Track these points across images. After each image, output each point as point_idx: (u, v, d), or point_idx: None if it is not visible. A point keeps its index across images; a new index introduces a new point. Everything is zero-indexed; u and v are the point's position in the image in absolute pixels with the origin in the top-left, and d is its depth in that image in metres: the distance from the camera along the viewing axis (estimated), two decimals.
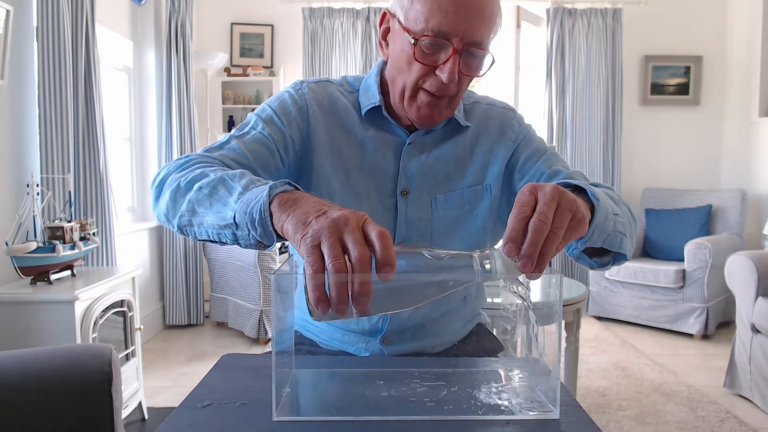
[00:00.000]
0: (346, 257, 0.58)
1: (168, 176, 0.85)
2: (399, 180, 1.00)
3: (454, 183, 1.02)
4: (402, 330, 1.02)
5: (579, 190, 0.76)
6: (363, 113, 1.02)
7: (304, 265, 0.59)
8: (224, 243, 0.77)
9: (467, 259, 0.64)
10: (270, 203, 0.68)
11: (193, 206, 0.79)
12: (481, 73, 0.94)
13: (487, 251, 0.65)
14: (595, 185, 0.88)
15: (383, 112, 1.01)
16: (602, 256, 0.88)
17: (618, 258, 0.88)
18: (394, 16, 0.95)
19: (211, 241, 0.79)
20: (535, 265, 0.62)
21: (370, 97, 1.01)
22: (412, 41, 0.89)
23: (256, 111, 1.02)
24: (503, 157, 1.03)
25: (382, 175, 1.01)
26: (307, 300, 0.60)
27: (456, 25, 0.87)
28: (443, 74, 0.89)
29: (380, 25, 0.99)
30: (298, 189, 0.70)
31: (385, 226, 0.79)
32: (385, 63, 1.02)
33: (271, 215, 0.67)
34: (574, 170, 1.00)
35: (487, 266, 0.64)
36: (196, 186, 0.79)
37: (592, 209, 0.74)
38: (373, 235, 0.58)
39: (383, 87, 1.02)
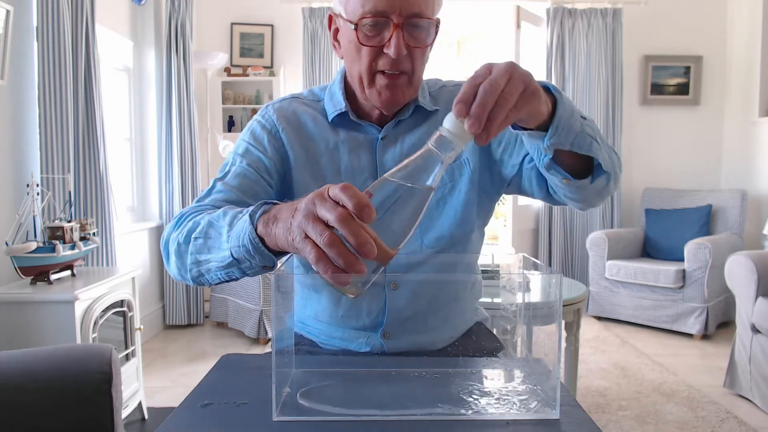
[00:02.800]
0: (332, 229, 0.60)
1: (169, 238, 0.89)
2: (378, 175, 1.01)
3: None
4: (402, 322, 1.02)
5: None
6: (330, 120, 1.05)
7: (309, 261, 0.61)
8: (238, 279, 0.81)
9: (426, 151, 0.64)
10: (256, 229, 0.71)
11: (196, 257, 0.83)
12: (429, 41, 0.96)
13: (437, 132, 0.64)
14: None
15: (351, 116, 1.03)
16: (578, 173, 0.85)
17: (597, 173, 0.84)
18: (338, 15, 0.98)
19: (227, 281, 0.83)
20: (484, 129, 0.62)
21: (336, 104, 1.04)
22: (353, 27, 0.93)
23: (233, 149, 1.06)
24: None
25: (360, 173, 1.03)
26: (333, 286, 0.61)
27: (391, 2, 0.90)
28: (390, 50, 0.91)
29: (329, 28, 1.03)
30: (275, 204, 0.73)
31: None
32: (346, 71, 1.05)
33: (262, 239, 0.71)
34: None
35: (443, 134, 0.63)
36: (192, 238, 0.83)
37: (555, 106, 0.74)
38: (338, 193, 0.60)
39: (348, 91, 1.05)
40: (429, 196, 0.63)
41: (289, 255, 0.77)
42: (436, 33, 0.98)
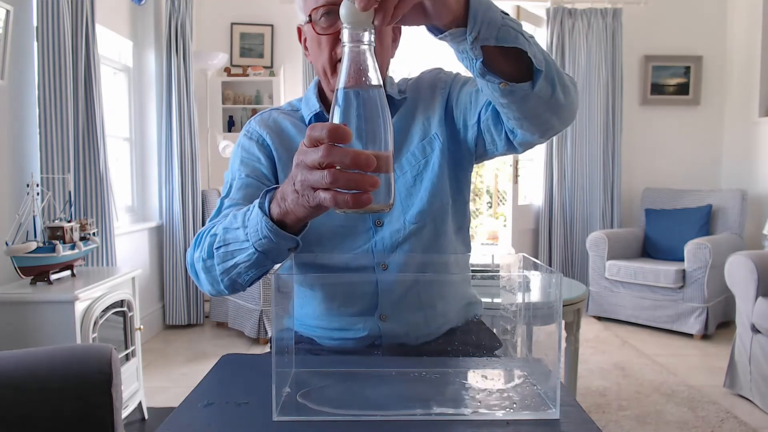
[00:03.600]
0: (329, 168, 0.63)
1: (192, 259, 0.94)
2: None
3: (407, 147, 1.08)
4: (396, 302, 1.03)
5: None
6: (307, 122, 1.10)
7: (331, 207, 0.64)
8: (268, 271, 0.84)
9: (347, 52, 0.64)
10: (271, 217, 0.76)
11: (223, 266, 0.87)
12: None
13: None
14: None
15: (325, 114, 1.08)
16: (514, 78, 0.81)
17: (537, 76, 0.79)
18: (302, 25, 1.04)
19: (260, 277, 0.87)
20: (379, 11, 0.62)
21: (311, 107, 1.10)
22: (308, 19, 0.98)
23: (229, 167, 1.12)
24: (440, 104, 1.10)
25: None
26: (368, 211, 0.64)
27: None
28: None
29: (300, 41, 1.09)
30: (276, 187, 0.78)
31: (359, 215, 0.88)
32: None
33: (280, 223, 0.76)
34: None
35: (345, 27, 0.64)
36: (214, 250, 0.88)
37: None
38: (311, 135, 0.63)
39: (322, 95, 1.11)
40: (382, 94, 0.64)
41: (296, 246, 0.80)
42: (398, 32, 1.06)
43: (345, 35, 0.64)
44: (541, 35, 4.49)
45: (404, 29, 1.08)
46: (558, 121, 0.89)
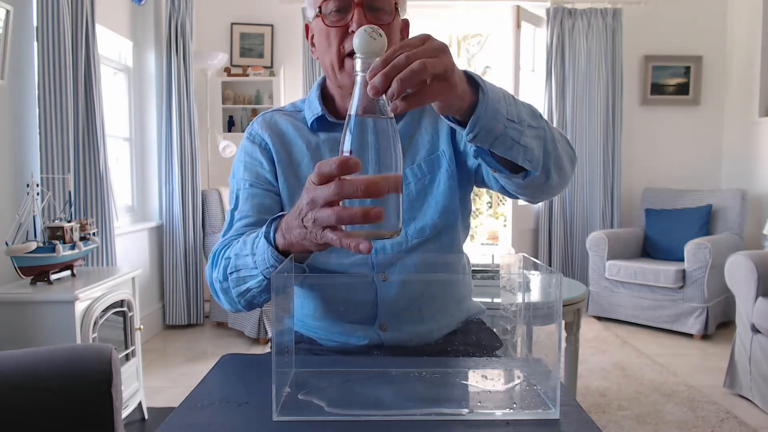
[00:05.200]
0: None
1: (212, 279, 0.98)
2: None
3: (411, 157, 1.07)
4: (396, 313, 1.03)
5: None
6: (309, 125, 1.09)
7: (341, 247, 0.66)
8: None
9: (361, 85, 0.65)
10: (277, 247, 0.79)
11: (238, 290, 0.92)
12: (391, 20, 0.99)
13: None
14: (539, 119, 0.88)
15: (328, 117, 1.07)
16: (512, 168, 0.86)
17: (531, 172, 0.84)
18: (310, 21, 1.04)
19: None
20: (393, 99, 0.63)
21: (313, 110, 1.09)
22: (317, 12, 0.98)
23: (231, 174, 1.13)
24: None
25: None
26: (378, 238, 0.67)
27: None
28: (353, 26, 0.95)
29: (307, 37, 1.09)
30: (282, 215, 0.80)
31: None
32: (324, 79, 1.11)
33: (286, 251, 0.79)
34: None
35: (356, 40, 0.65)
36: (228, 274, 0.92)
37: (476, 102, 0.73)
38: (320, 172, 0.64)
39: (325, 98, 1.10)
40: (393, 123, 0.65)
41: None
42: (406, 31, 1.05)
43: (358, 64, 0.65)
44: (541, 35, 4.49)
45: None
46: (552, 195, 0.95)
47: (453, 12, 4.55)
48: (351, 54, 0.97)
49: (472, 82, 0.74)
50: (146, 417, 2.48)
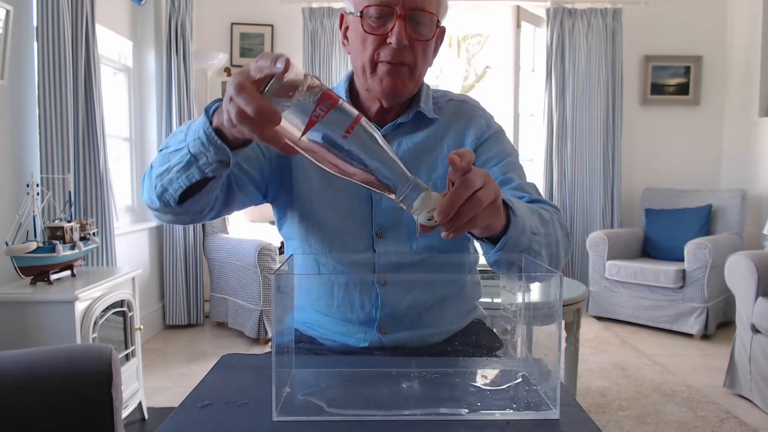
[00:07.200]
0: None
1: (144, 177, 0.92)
2: None
3: (427, 173, 1.05)
4: (396, 318, 1.02)
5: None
6: None
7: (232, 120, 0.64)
8: (197, 188, 0.83)
9: (401, 175, 0.66)
10: (212, 123, 0.73)
11: (159, 170, 0.84)
12: (431, 35, 0.98)
13: (422, 184, 0.67)
14: (538, 201, 0.95)
15: None
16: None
17: None
18: (347, 12, 1.03)
19: (189, 196, 0.84)
20: (452, 222, 0.67)
21: None
22: (359, 14, 0.96)
23: None
24: (470, 145, 1.08)
25: None
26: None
27: None
28: (392, 39, 0.94)
29: (341, 27, 1.06)
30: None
31: (362, 215, 1.01)
32: (353, 73, 1.08)
33: (219, 133, 0.73)
34: (528, 182, 1.04)
35: (409, 204, 0.67)
36: (159, 152, 0.87)
37: (509, 223, 0.79)
38: (265, 63, 0.63)
39: (352, 93, 1.08)
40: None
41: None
42: (441, 39, 1.03)
43: (407, 208, 0.67)
44: (541, 35, 4.49)
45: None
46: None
47: (453, 12, 4.55)
48: (384, 62, 0.97)
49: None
50: (146, 417, 2.48)
